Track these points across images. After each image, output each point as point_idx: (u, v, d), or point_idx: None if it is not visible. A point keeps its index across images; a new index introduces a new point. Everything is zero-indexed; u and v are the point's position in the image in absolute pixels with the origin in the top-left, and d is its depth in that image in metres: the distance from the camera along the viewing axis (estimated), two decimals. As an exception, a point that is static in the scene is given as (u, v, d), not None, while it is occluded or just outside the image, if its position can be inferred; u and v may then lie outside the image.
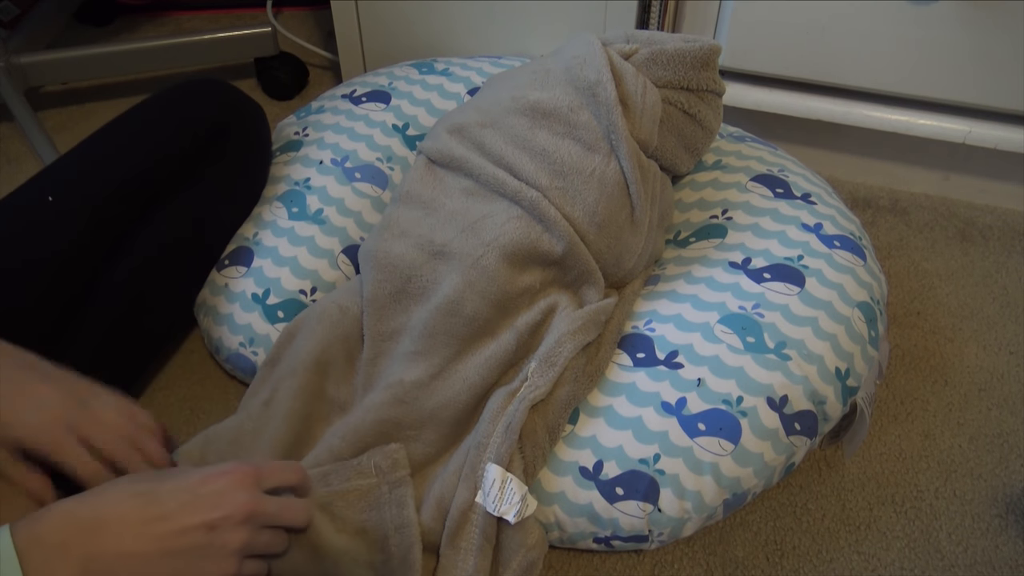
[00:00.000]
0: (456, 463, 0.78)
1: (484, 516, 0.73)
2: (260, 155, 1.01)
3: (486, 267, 0.84)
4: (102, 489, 0.56)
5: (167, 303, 0.94)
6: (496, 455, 0.75)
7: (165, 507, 0.55)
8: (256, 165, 1.00)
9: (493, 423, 0.77)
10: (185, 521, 0.55)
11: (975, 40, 1.06)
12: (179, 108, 0.94)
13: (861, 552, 0.82)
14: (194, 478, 0.58)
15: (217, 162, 0.95)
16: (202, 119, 0.94)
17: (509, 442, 0.75)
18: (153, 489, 0.56)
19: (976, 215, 1.20)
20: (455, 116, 0.95)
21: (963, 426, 0.93)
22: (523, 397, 0.78)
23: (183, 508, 0.55)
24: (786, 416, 0.79)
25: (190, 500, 0.56)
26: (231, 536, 0.56)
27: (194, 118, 0.93)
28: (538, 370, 0.80)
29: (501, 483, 0.73)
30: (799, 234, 0.93)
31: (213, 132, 0.94)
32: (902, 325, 1.04)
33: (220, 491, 0.57)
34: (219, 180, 0.95)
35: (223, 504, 0.56)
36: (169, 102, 0.94)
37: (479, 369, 0.82)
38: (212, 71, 1.46)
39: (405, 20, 1.28)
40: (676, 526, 0.77)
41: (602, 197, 0.86)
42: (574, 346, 0.81)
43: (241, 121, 0.98)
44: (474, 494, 0.74)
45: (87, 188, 0.80)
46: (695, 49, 0.93)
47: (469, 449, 0.78)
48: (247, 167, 0.99)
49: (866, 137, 1.20)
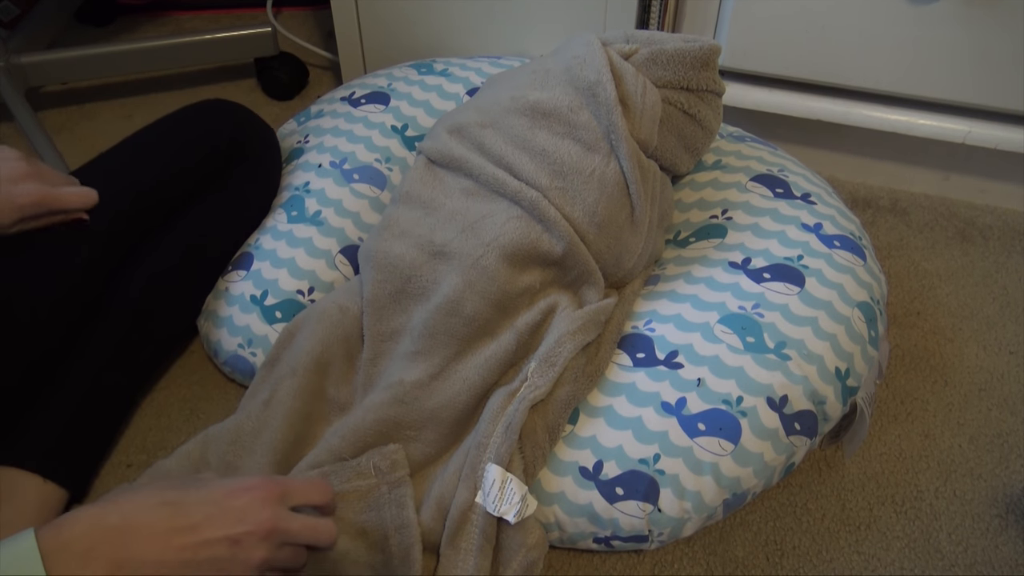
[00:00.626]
0: (456, 463, 0.78)
1: (484, 516, 0.73)
2: (271, 171, 1.03)
3: (486, 267, 0.83)
4: (130, 496, 0.56)
5: (179, 310, 0.95)
6: (496, 455, 0.75)
7: (191, 518, 0.56)
8: (267, 181, 1.03)
9: (493, 423, 0.77)
10: (209, 533, 0.55)
11: (975, 40, 1.06)
12: (196, 125, 0.97)
13: (861, 552, 0.82)
14: (221, 491, 0.58)
15: (230, 177, 0.98)
16: (218, 135, 0.97)
17: (509, 442, 0.75)
18: (181, 499, 0.57)
19: (976, 215, 1.20)
20: (455, 116, 0.95)
21: (963, 426, 0.93)
22: (523, 397, 0.78)
23: (208, 520, 0.56)
24: (786, 416, 0.79)
25: (216, 513, 0.56)
26: (253, 552, 0.57)
27: (211, 133, 0.97)
28: (538, 370, 0.80)
29: (501, 483, 0.73)
30: (799, 234, 0.92)
31: (229, 148, 0.97)
32: (902, 325, 1.04)
33: (244, 506, 0.57)
34: (232, 194, 0.98)
35: (247, 519, 0.57)
36: (186, 119, 0.97)
37: (479, 369, 0.82)
38: (212, 71, 1.46)
39: (405, 20, 1.28)
40: (676, 526, 0.77)
41: (602, 197, 0.86)
42: (574, 346, 0.81)
43: (254, 139, 1.01)
44: (474, 494, 0.74)
45: (108, 197, 0.82)
46: (695, 49, 0.93)
47: (469, 449, 0.78)
48: (259, 183, 1.01)
49: (866, 137, 1.20)
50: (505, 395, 0.80)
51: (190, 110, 0.98)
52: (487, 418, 0.78)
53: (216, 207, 0.97)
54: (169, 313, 0.93)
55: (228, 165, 0.98)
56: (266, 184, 1.02)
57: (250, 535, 0.56)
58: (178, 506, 0.56)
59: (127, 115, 1.38)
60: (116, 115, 1.38)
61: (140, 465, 0.88)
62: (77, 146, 1.31)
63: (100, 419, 0.87)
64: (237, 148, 0.98)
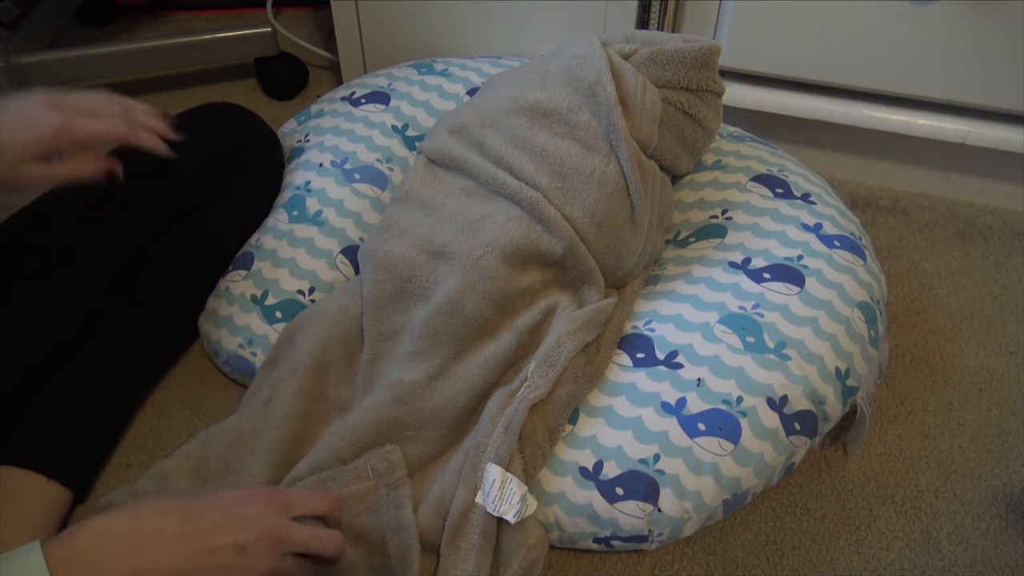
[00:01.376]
0: (456, 463, 0.78)
1: (484, 516, 0.73)
2: (274, 176, 1.04)
3: (486, 267, 0.83)
4: (137, 505, 0.56)
5: (185, 305, 0.96)
6: (496, 455, 0.75)
7: (200, 524, 0.56)
8: (269, 186, 1.03)
9: (493, 423, 0.77)
10: (217, 540, 0.56)
11: (975, 40, 1.06)
12: (202, 129, 0.97)
13: (861, 552, 0.82)
14: (227, 498, 0.59)
15: (228, 183, 0.98)
16: (224, 140, 0.98)
17: (509, 442, 0.75)
18: (189, 505, 0.57)
19: (976, 215, 1.20)
20: (455, 116, 0.95)
21: (963, 426, 0.93)
22: (523, 397, 0.78)
23: (216, 527, 0.56)
24: (786, 416, 0.79)
25: (223, 520, 0.57)
26: (259, 561, 0.57)
27: (217, 138, 0.98)
28: (538, 370, 0.80)
29: (501, 483, 0.73)
30: (799, 234, 0.92)
31: (234, 153, 0.98)
32: (902, 325, 1.04)
33: (250, 515, 0.58)
34: (233, 199, 0.99)
35: (252, 527, 0.57)
36: (191, 123, 0.98)
37: (479, 369, 0.82)
38: (212, 71, 1.46)
39: (405, 20, 1.28)
40: (676, 526, 0.77)
41: (602, 197, 0.86)
42: (574, 346, 0.81)
43: (259, 144, 1.02)
44: (474, 494, 0.74)
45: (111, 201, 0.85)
46: (695, 49, 0.93)
47: (469, 449, 0.78)
48: (261, 188, 1.02)
49: (866, 137, 1.20)
50: (505, 395, 0.80)
51: (195, 113, 0.98)
52: (487, 418, 0.78)
53: (218, 211, 0.97)
54: (173, 314, 0.93)
55: (230, 170, 0.98)
56: (267, 189, 1.03)
57: (256, 542, 0.57)
58: (187, 512, 0.56)
59: (127, 115, 1.38)
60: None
61: (140, 465, 0.88)
62: (77, 146, 1.31)
63: (104, 419, 0.87)
64: (242, 152, 0.99)
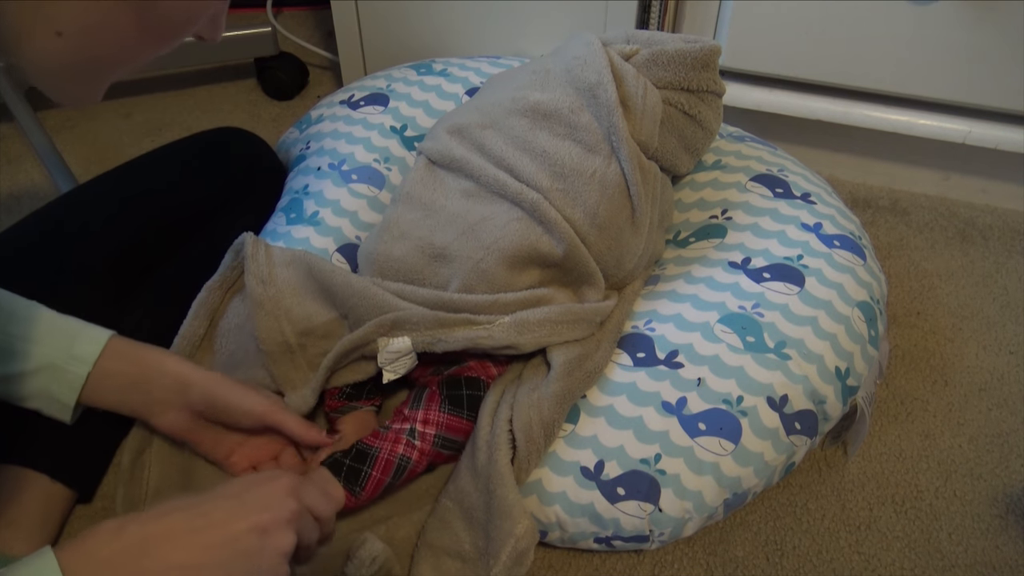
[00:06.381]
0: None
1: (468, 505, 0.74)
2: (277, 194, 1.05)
3: (485, 271, 0.83)
4: (145, 511, 0.56)
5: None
6: (489, 448, 0.75)
7: (211, 516, 0.55)
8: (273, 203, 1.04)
9: (490, 417, 0.78)
10: (234, 527, 0.55)
11: (975, 40, 1.06)
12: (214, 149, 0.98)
13: (861, 552, 0.82)
14: (236, 487, 0.58)
15: (241, 201, 0.99)
16: (237, 159, 0.99)
17: (503, 436, 0.76)
18: (197, 502, 0.56)
19: (976, 215, 1.20)
20: (455, 117, 0.95)
21: (963, 426, 0.93)
22: (516, 392, 0.78)
23: (231, 515, 0.56)
24: (786, 416, 0.79)
25: (237, 506, 0.56)
26: (281, 538, 0.57)
27: (228, 158, 0.99)
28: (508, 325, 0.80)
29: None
30: (799, 234, 0.93)
31: (243, 172, 0.99)
32: (902, 325, 1.04)
33: (267, 495, 0.58)
34: (240, 217, 0.98)
35: (272, 506, 0.57)
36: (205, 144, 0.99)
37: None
38: (212, 71, 1.46)
39: (405, 20, 1.28)
40: (677, 526, 0.77)
41: (603, 199, 0.86)
42: (551, 331, 0.81)
43: (263, 163, 1.03)
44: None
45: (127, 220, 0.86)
46: (695, 50, 0.93)
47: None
48: (265, 206, 1.02)
49: (866, 137, 1.20)
50: (498, 391, 0.80)
51: (201, 140, 0.99)
52: (483, 413, 0.79)
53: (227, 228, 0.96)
54: (178, 316, 0.93)
55: (241, 187, 0.99)
56: (271, 203, 1.03)
57: (276, 521, 0.56)
58: (195, 507, 0.56)
59: (127, 114, 1.38)
60: (116, 114, 1.38)
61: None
62: (77, 146, 1.31)
63: (109, 420, 0.86)
64: (250, 168, 1.00)
